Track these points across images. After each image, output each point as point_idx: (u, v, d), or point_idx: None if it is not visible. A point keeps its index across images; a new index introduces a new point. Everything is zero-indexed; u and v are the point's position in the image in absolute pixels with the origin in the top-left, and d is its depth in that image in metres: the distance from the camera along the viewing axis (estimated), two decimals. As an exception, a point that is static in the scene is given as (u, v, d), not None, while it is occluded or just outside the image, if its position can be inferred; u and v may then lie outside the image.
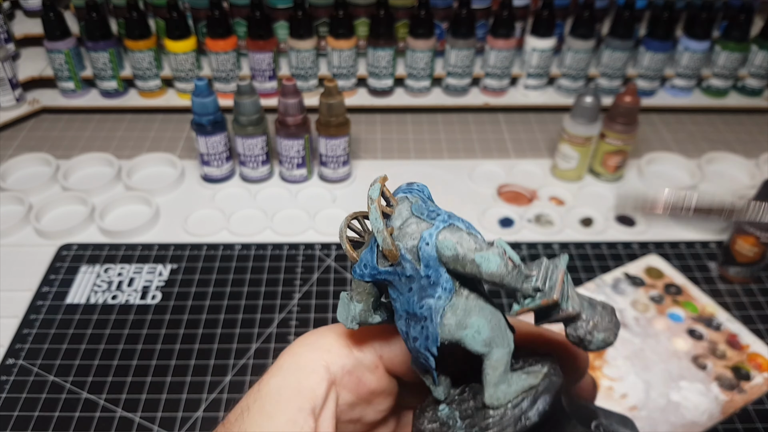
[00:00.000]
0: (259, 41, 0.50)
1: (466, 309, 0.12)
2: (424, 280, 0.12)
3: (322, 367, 0.13)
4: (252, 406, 0.13)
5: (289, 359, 0.14)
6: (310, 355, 0.13)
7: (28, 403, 0.31)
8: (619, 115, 0.43)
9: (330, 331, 0.14)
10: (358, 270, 0.12)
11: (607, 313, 0.12)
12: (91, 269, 0.39)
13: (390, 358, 0.14)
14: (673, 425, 0.30)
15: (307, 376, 0.13)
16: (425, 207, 0.12)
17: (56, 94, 0.54)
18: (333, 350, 0.14)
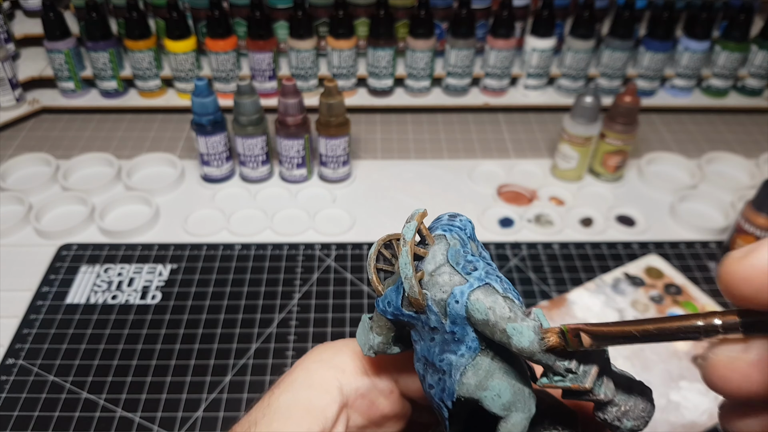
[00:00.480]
0: (259, 41, 0.50)
1: (489, 370, 0.11)
2: (449, 336, 0.11)
3: (336, 387, 0.13)
4: (260, 421, 0.13)
5: (302, 375, 0.13)
6: (325, 374, 0.13)
7: (28, 403, 0.31)
8: (619, 115, 0.43)
9: (346, 348, 0.14)
10: (381, 305, 0.12)
11: (642, 400, 0.11)
12: (91, 269, 0.39)
13: (407, 383, 0.14)
14: (673, 425, 0.30)
15: (320, 395, 0.13)
16: (463, 255, 0.11)
17: (56, 94, 0.54)
18: (348, 370, 0.13)
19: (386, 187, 0.46)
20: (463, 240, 0.12)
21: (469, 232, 0.12)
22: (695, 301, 0.37)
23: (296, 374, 0.13)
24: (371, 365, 0.13)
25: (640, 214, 0.44)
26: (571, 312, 0.36)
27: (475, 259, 0.11)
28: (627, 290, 0.37)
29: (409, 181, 0.47)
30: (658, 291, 0.37)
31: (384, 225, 0.43)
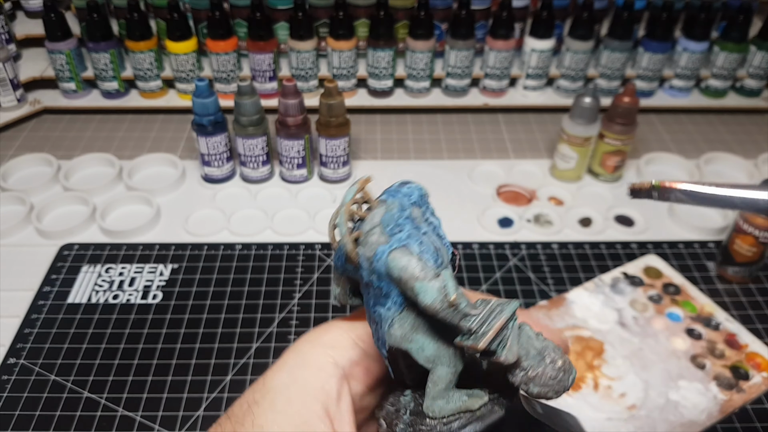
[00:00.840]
0: (259, 42, 0.51)
1: (414, 325, 0.12)
2: (377, 290, 0.12)
3: (329, 364, 0.13)
4: (261, 401, 0.13)
5: (294, 357, 0.14)
6: (315, 352, 0.14)
7: (30, 402, 0.31)
8: (618, 116, 0.44)
9: (333, 327, 0.14)
10: (335, 258, 0.13)
11: (555, 369, 0.12)
12: (92, 269, 0.39)
13: None
14: (672, 424, 0.30)
15: (315, 374, 0.13)
16: (395, 218, 0.12)
17: (57, 95, 0.54)
18: (338, 345, 0.14)
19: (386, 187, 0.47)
20: (402, 205, 0.12)
21: (414, 198, 0.13)
22: (694, 301, 0.37)
23: (288, 357, 0.14)
24: (358, 334, 0.14)
25: (639, 214, 0.44)
26: (570, 312, 0.36)
27: (404, 223, 0.12)
28: (626, 290, 0.37)
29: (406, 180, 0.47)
30: (657, 291, 0.37)
31: (384, 225, 0.43)
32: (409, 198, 0.13)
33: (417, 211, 0.13)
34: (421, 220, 0.13)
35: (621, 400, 0.31)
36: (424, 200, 0.13)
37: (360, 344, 0.14)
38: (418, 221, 0.12)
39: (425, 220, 0.13)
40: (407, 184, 0.13)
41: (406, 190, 0.13)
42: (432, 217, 0.13)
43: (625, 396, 0.32)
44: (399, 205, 0.12)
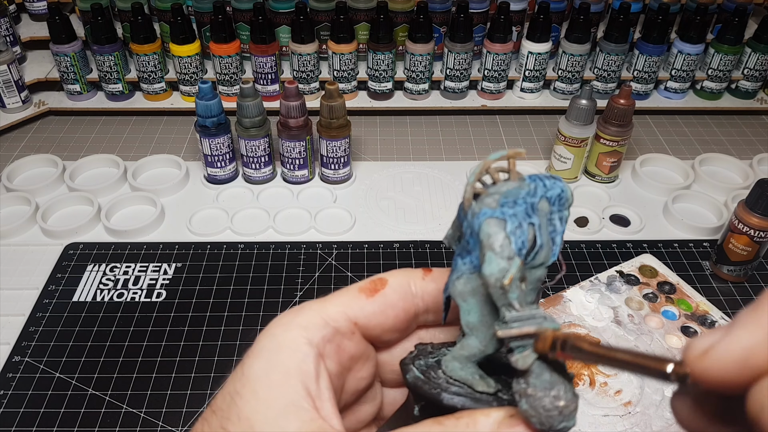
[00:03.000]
0: (261, 45, 0.51)
1: (475, 290, 0.13)
2: (465, 243, 0.13)
3: (304, 344, 0.13)
4: (242, 390, 0.13)
5: (269, 341, 0.13)
6: (289, 335, 0.13)
7: (34, 399, 0.32)
8: (614, 117, 0.44)
9: (303, 308, 0.14)
10: (459, 204, 0.13)
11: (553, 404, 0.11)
12: (97, 268, 0.39)
13: (364, 323, 0.15)
14: (667, 421, 0.31)
15: (291, 355, 0.13)
16: (518, 196, 0.12)
17: (62, 96, 0.55)
18: (309, 325, 0.14)
19: (386, 187, 0.47)
20: (533, 192, 0.13)
21: (551, 194, 0.13)
22: (689, 299, 0.37)
23: (262, 343, 0.14)
24: (330, 315, 0.14)
25: (635, 214, 0.44)
26: (567, 309, 0.36)
27: (522, 204, 0.12)
28: (621, 288, 0.38)
29: (408, 181, 0.48)
30: (652, 289, 0.38)
31: (384, 224, 0.43)
32: (546, 190, 0.13)
33: (545, 205, 0.13)
34: (544, 215, 0.13)
35: (617, 397, 0.32)
36: (561, 202, 0.13)
37: (331, 323, 0.14)
38: (539, 213, 0.12)
39: (548, 218, 0.13)
40: (556, 180, 0.13)
41: (549, 183, 0.13)
42: (558, 221, 0.13)
43: (620, 393, 0.32)
44: (531, 189, 0.13)
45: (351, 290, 0.15)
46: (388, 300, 0.15)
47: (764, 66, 0.55)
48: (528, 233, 0.12)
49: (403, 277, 0.15)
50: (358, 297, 0.15)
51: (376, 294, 0.15)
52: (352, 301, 0.15)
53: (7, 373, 0.33)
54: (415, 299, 0.15)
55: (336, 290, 0.15)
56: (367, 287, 0.15)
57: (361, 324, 0.14)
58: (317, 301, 0.15)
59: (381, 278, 0.15)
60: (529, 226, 0.12)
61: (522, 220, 0.12)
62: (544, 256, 0.13)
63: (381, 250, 0.41)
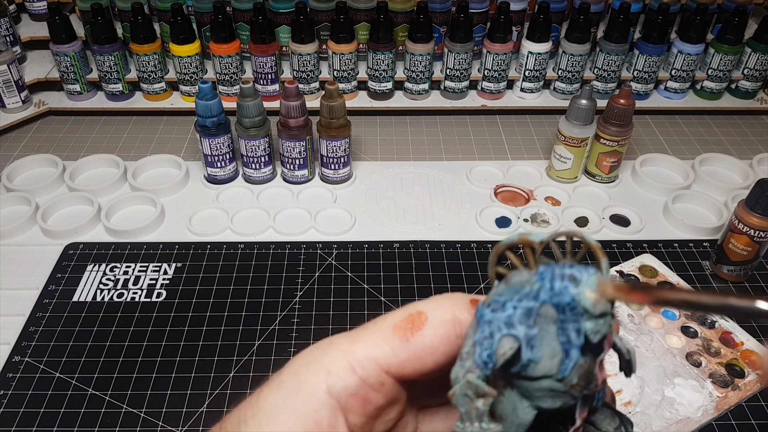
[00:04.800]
0: (261, 45, 0.51)
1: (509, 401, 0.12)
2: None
3: (323, 391, 0.13)
4: (250, 420, 0.13)
5: (289, 378, 0.13)
6: (311, 377, 0.13)
7: (34, 399, 0.32)
8: (614, 117, 0.44)
9: (332, 347, 0.13)
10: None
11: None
12: (97, 268, 0.39)
13: (397, 371, 0.13)
14: (667, 421, 0.31)
15: (307, 400, 0.12)
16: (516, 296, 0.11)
17: (62, 96, 0.55)
18: (334, 371, 0.13)
19: (386, 187, 0.47)
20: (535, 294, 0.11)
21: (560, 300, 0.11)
22: (689, 299, 0.37)
23: (284, 377, 0.13)
24: (358, 361, 0.13)
25: (635, 214, 0.44)
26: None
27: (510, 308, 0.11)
28: (622, 288, 0.38)
29: (408, 181, 0.48)
30: (653, 289, 0.38)
31: (384, 224, 0.43)
32: (552, 295, 0.11)
33: (550, 311, 0.11)
34: (546, 322, 0.11)
35: (617, 397, 0.32)
36: (572, 312, 0.11)
37: (359, 371, 0.13)
38: (540, 319, 0.11)
39: (559, 326, 0.11)
40: (572, 284, 0.11)
41: (558, 286, 0.11)
42: (574, 332, 0.11)
43: (620, 393, 0.32)
44: (534, 290, 0.11)
45: (384, 329, 0.13)
46: (427, 343, 0.13)
47: (764, 66, 0.55)
48: (499, 345, 0.11)
49: (447, 312, 0.13)
50: (391, 339, 0.13)
51: (412, 336, 0.13)
52: (384, 345, 0.13)
53: (7, 373, 0.33)
54: (459, 340, 0.13)
55: (369, 323, 0.14)
56: (402, 326, 0.13)
57: (394, 372, 0.13)
58: (348, 337, 0.13)
59: (420, 312, 0.13)
60: (505, 338, 0.11)
61: (496, 329, 0.11)
62: (545, 368, 0.11)
63: (381, 250, 0.41)
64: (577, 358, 0.11)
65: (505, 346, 0.11)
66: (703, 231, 0.43)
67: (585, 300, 0.11)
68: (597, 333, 0.11)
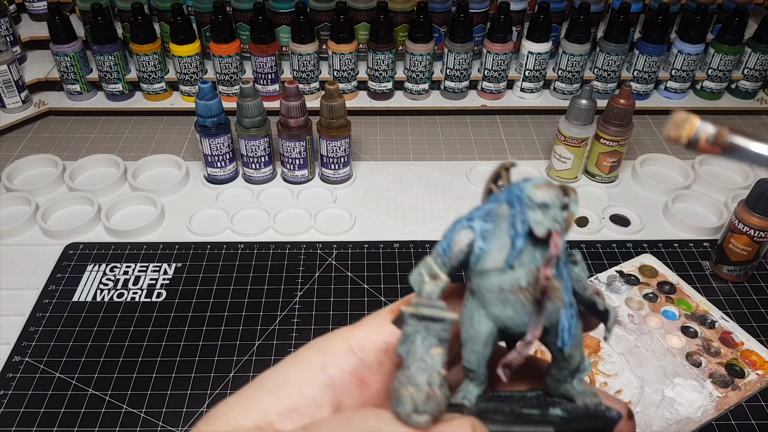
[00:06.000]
0: (261, 45, 0.51)
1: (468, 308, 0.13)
2: None
3: (317, 367, 0.13)
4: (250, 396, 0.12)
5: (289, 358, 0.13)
6: (306, 354, 0.13)
7: (34, 399, 0.32)
8: (614, 117, 0.44)
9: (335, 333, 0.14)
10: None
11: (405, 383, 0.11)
12: (97, 268, 0.39)
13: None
14: (667, 421, 0.31)
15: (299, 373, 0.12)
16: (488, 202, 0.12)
17: (62, 96, 0.55)
18: (333, 351, 0.13)
19: (386, 187, 0.47)
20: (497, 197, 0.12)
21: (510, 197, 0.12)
22: (689, 299, 0.37)
23: (287, 357, 0.13)
24: (358, 343, 0.13)
25: (635, 214, 0.44)
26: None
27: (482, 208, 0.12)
28: (621, 288, 0.38)
29: (409, 181, 0.48)
30: (653, 289, 0.38)
31: (384, 224, 0.43)
32: (509, 194, 0.12)
33: (504, 208, 0.12)
34: (501, 220, 0.12)
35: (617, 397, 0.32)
36: (519, 203, 0.12)
37: (357, 352, 0.13)
38: (496, 217, 0.12)
39: (502, 225, 0.12)
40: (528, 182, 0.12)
41: (515, 186, 0.12)
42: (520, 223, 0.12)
43: (620, 393, 0.32)
44: (497, 194, 0.12)
45: (381, 313, 0.14)
46: None
47: (764, 66, 0.55)
48: (456, 234, 0.12)
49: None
50: (387, 321, 0.13)
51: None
52: (382, 327, 0.13)
53: (7, 373, 0.33)
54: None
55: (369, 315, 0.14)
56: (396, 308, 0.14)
57: (391, 351, 0.13)
58: (347, 327, 0.14)
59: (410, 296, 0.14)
60: (463, 229, 0.12)
61: (458, 224, 0.12)
62: (494, 260, 0.12)
63: (381, 250, 0.41)
64: (521, 246, 0.12)
65: (461, 234, 0.12)
66: (703, 231, 0.43)
67: (528, 188, 0.12)
68: (539, 224, 0.11)
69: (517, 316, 0.12)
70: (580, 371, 0.13)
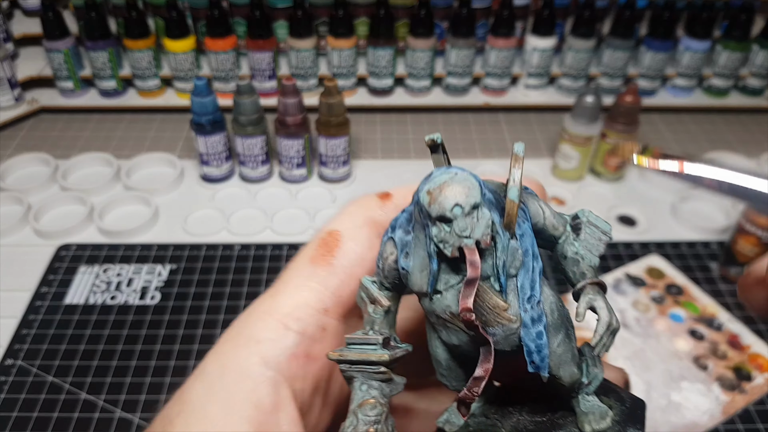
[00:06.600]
0: (258, 40, 0.50)
1: None
2: None
3: (256, 364, 0.10)
4: (175, 419, 0.10)
5: (213, 361, 0.11)
6: (238, 354, 0.10)
7: (27, 403, 0.31)
8: (620, 115, 0.43)
9: (254, 314, 0.11)
10: None
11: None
12: (90, 269, 0.38)
13: (336, 304, 0.11)
14: (674, 425, 0.30)
15: (237, 381, 0.10)
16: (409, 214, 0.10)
17: (55, 94, 0.54)
18: (264, 337, 0.10)
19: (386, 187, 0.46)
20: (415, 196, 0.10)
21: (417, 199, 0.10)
22: (696, 302, 0.37)
23: (207, 361, 0.11)
24: (289, 314, 0.11)
25: (641, 214, 0.44)
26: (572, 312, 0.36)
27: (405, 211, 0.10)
28: (628, 290, 0.37)
29: (409, 181, 0.47)
30: (659, 291, 0.37)
31: (384, 225, 0.43)
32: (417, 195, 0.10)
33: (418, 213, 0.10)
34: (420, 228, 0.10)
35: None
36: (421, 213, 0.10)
37: (293, 325, 0.10)
38: (416, 224, 0.10)
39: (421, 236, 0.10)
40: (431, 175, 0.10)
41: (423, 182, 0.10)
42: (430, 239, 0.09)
43: (627, 398, 0.31)
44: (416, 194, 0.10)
45: (301, 264, 0.11)
46: (352, 257, 0.11)
47: (773, 62, 0.54)
48: (383, 251, 0.10)
49: (358, 218, 0.11)
50: (313, 273, 0.11)
51: (333, 257, 0.11)
52: (308, 283, 0.11)
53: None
54: (380, 239, 0.11)
55: (284, 270, 0.11)
56: (319, 254, 0.11)
57: (332, 307, 0.11)
58: (268, 296, 0.11)
59: (330, 232, 0.11)
60: (388, 241, 0.10)
61: (386, 232, 0.10)
62: (418, 282, 0.10)
63: (381, 251, 0.40)
64: (434, 271, 0.09)
65: (386, 249, 0.10)
66: (710, 232, 0.42)
67: (422, 197, 0.09)
68: (443, 242, 0.09)
69: (464, 344, 0.10)
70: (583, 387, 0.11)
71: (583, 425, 0.11)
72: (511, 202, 0.09)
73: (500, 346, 0.10)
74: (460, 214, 0.09)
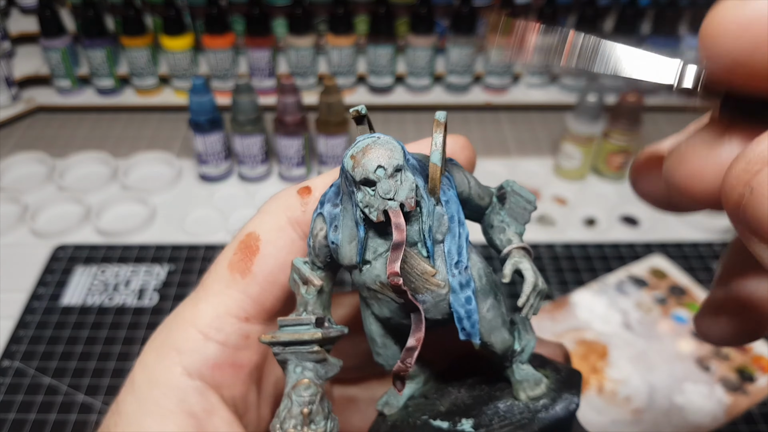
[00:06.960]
0: (257, 38, 0.50)
1: None
2: None
3: (181, 375, 0.11)
4: (113, 429, 0.11)
5: (141, 372, 0.11)
6: (162, 365, 0.11)
7: (24, 405, 0.31)
8: (623, 114, 0.43)
9: (177, 321, 0.11)
10: None
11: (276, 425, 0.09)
12: (87, 270, 0.38)
13: (258, 309, 0.11)
14: (676, 428, 0.30)
15: (166, 393, 0.10)
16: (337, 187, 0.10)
17: (52, 93, 0.53)
18: (186, 347, 0.11)
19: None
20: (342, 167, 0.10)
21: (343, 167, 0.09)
22: (699, 303, 0.36)
23: (136, 372, 0.11)
24: (209, 324, 0.11)
25: (644, 214, 0.43)
26: (574, 313, 0.35)
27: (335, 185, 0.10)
28: (630, 291, 0.37)
29: (410, 180, 0.47)
30: (662, 292, 0.37)
31: (384, 225, 0.42)
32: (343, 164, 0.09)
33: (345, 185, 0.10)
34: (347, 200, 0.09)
35: (626, 404, 0.31)
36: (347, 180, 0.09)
37: (214, 335, 0.11)
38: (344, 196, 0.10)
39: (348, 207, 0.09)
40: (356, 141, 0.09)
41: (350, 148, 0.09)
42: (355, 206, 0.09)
43: (629, 399, 0.31)
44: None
45: (221, 273, 0.11)
46: (272, 264, 0.11)
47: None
48: (313, 226, 0.10)
49: (278, 218, 0.11)
50: (233, 281, 0.11)
51: (253, 264, 0.11)
52: (229, 291, 0.11)
53: (-5, 379, 0.32)
54: (304, 239, 0.11)
55: (206, 273, 0.11)
56: (237, 259, 0.11)
57: (254, 315, 0.11)
58: (190, 302, 0.11)
59: (249, 234, 0.11)
60: (318, 216, 0.10)
61: (315, 210, 0.10)
62: (347, 254, 0.09)
63: (381, 251, 0.40)
64: (362, 238, 0.09)
65: (316, 225, 0.10)
66: (714, 232, 0.42)
67: (346, 162, 0.09)
68: (368, 207, 0.09)
69: (396, 315, 0.10)
70: (516, 355, 0.11)
71: (518, 393, 0.11)
72: (434, 166, 0.09)
73: (431, 314, 0.10)
74: (384, 175, 0.09)
